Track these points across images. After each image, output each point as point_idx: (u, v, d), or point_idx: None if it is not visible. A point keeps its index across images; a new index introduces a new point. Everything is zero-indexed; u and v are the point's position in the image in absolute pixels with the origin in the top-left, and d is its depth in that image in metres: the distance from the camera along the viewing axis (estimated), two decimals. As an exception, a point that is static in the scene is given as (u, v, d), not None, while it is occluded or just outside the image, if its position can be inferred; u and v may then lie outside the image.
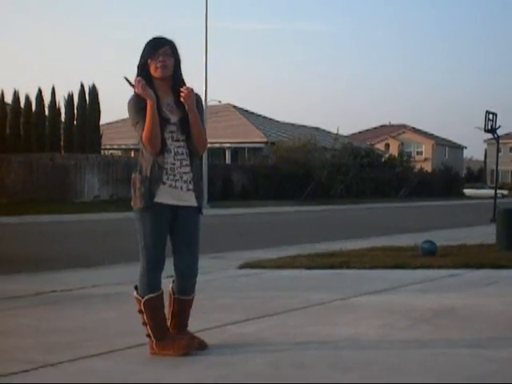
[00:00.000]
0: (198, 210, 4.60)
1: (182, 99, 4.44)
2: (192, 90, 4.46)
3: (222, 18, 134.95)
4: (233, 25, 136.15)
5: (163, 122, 4.46)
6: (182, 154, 4.52)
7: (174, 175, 4.48)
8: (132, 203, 4.53)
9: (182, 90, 4.44)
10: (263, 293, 7.24)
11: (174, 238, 4.59)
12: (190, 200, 4.54)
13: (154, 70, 4.49)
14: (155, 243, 4.49)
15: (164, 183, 4.47)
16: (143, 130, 4.42)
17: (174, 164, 4.48)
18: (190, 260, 4.59)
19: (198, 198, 4.59)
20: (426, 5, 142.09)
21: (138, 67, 4.53)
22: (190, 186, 4.54)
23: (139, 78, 4.42)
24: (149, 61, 4.49)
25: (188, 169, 4.54)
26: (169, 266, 4.63)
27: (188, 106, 4.46)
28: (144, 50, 4.53)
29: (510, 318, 5.72)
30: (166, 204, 4.47)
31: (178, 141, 4.51)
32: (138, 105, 4.45)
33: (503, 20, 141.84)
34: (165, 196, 4.47)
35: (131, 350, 4.70)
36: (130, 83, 4.46)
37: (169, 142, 4.48)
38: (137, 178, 4.51)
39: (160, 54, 4.47)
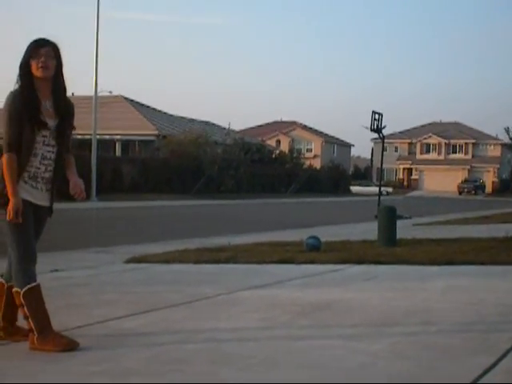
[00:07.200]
0: (50, 210, 4.74)
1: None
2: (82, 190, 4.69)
3: (115, 8, 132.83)
4: (126, 15, 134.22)
5: (40, 125, 4.52)
6: (50, 159, 4.62)
7: (36, 178, 4.58)
8: None
9: (77, 193, 4.64)
10: (149, 288, 7.25)
11: None
12: (45, 200, 4.67)
13: (36, 70, 4.55)
14: (28, 235, 4.54)
15: (26, 182, 4.55)
16: (11, 138, 4.40)
17: (38, 168, 4.58)
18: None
19: (52, 198, 4.72)
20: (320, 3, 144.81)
21: (21, 66, 4.56)
22: (48, 187, 4.67)
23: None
24: (31, 60, 4.54)
25: (51, 174, 4.66)
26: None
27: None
28: (26, 49, 4.58)
29: (385, 312, 5.98)
30: (27, 200, 4.54)
31: (48, 145, 4.61)
32: (19, 116, 4.44)
33: (396, 22, 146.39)
34: (25, 194, 4.53)
35: (10, 345, 4.64)
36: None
37: (39, 145, 4.55)
38: None
39: (42, 54, 4.55)
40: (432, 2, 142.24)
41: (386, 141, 26.43)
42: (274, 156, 61.87)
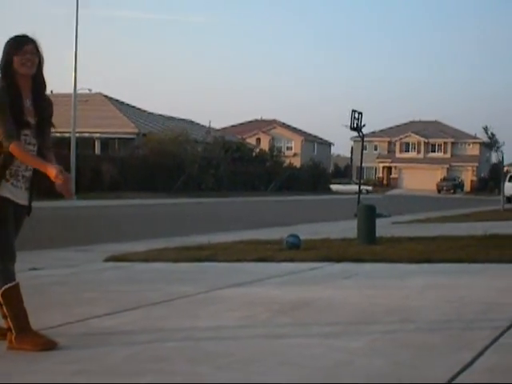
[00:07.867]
0: (29, 208, 4.70)
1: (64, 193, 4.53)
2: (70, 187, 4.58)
3: (97, 5, 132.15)
4: (105, 12, 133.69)
5: (24, 125, 4.50)
6: None
7: (17, 176, 4.54)
8: None
9: (64, 190, 4.49)
10: (128, 286, 7.23)
11: None
12: (25, 199, 4.63)
13: (20, 66, 4.50)
14: (7, 234, 4.51)
15: (7, 180, 4.51)
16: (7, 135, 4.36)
17: (19, 166, 4.55)
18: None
19: (31, 197, 4.68)
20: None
21: (2, 63, 4.50)
22: (27, 185, 4.63)
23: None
24: (14, 57, 4.49)
25: (31, 172, 4.63)
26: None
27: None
28: (8, 46, 4.53)
29: (364, 310, 6.01)
30: (8, 199, 4.51)
31: (29, 144, 4.58)
32: (8, 111, 4.41)
33: (376, 22, 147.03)
34: (7, 192, 4.50)
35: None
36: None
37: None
38: None
39: (27, 51, 4.51)
40: (414, 3, 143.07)
41: (365, 139, 26.61)
42: (254, 154, 61.91)
